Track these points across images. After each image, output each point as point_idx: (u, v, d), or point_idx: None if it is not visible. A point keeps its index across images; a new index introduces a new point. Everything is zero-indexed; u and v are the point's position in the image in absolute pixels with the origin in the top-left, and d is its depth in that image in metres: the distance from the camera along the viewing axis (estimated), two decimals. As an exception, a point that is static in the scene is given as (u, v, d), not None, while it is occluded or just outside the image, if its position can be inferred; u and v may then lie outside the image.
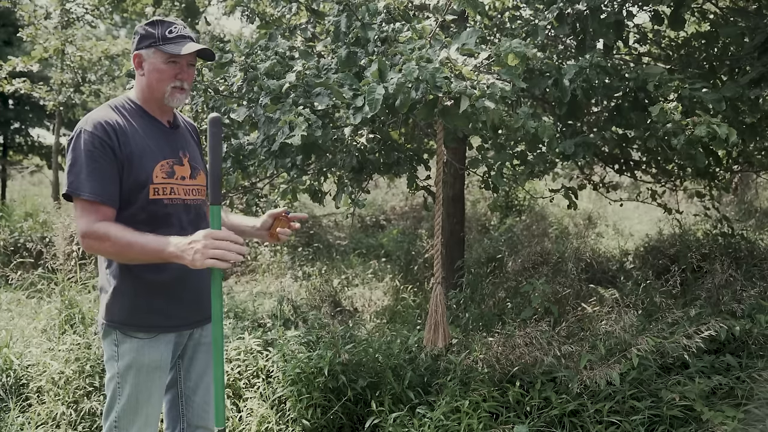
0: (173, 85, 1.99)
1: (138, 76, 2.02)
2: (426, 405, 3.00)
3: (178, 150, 2.05)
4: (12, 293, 5.25)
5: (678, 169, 4.76)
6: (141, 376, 1.97)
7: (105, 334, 2.01)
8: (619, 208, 7.68)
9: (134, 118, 1.99)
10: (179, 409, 2.20)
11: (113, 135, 1.88)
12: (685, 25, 3.95)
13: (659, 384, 3.00)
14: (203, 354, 2.18)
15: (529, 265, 5.13)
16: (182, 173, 2.03)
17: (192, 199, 2.05)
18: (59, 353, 3.58)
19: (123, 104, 2.01)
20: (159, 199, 1.95)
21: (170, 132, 2.07)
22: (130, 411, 1.98)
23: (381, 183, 10.17)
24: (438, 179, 3.14)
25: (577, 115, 3.67)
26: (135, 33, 2.02)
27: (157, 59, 1.97)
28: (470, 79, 2.60)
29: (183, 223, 2.01)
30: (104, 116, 1.91)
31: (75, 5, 8.79)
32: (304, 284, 5.73)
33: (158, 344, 2.00)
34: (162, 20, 2.00)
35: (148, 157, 1.94)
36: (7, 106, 12.32)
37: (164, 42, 1.95)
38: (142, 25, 2.01)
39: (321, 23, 4.17)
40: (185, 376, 2.19)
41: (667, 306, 3.73)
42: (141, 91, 2.03)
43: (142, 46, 1.98)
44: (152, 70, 1.98)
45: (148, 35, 1.97)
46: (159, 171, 1.96)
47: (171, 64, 1.97)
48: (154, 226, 1.93)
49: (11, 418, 3.19)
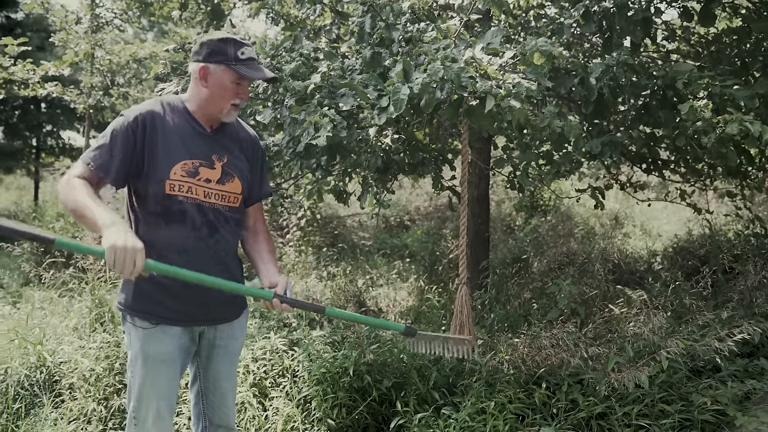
0: (233, 102, 2.07)
1: (198, 86, 2.06)
2: (451, 406, 2.99)
3: (212, 154, 2.08)
4: (45, 292, 5.37)
5: (708, 168, 4.66)
6: (147, 366, 2.02)
7: (122, 322, 2.12)
8: (646, 208, 7.56)
9: (175, 117, 2.05)
10: (201, 407, 2.25)
11: (142, 126, 1.98)
12: (715, 20, 3.87)
13: (690, 387, 2.95)
14: (219, 357, 2.20)
15: (555, 265, 5.08)
16: (208, 176, 2.06)
17: (210, 203, 2.06)
18: (90, 351, 3.66)
19: (171, 102, 2.09)
20: (174, 195, 2.00)
21: (209, 136, 2.10)
22: (143, 401, 2.03)
23: (405, 183, 10.17)
24: (463, 179, 3.13)
25: (604, 114, 3.62)
26: (201, 44, 2.04)
27: (226, 77, 2.02)
28: (495, 79, 2.59)
29: (197, 224, 2.04)
30: (145, 108, 2.02)
31: (104, 10, 8.97)
32: (328, 284, 5.76)
33: (163, 336, 2.03)
34: (235, 40, 2.05)
35: (171, 154, 2.00)
36: (39, 110, 12.61)
37: (236, 63, 2.01)
38: (212, 39, 2.04)
39: (345, 24, 4.18)
40: (204, 375, 2.23)
41: (697, 308, 3.65)
42: (196, 100, 2.08)
43: (212, 60, 2.02)
44: (217, 86, 2.03)
45: (220, 51, 2.01)
46: (179, 169, 2.00)
47: (236, 85, 2.04)
48: (167, 220, 2.00)
49: (45, 413, 3.27)
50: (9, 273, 6.01)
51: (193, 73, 2.06)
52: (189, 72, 2.12)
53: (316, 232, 7.65)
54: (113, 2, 8.84)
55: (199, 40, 2.08)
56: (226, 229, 2.12)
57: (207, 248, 2.06)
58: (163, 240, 2.00)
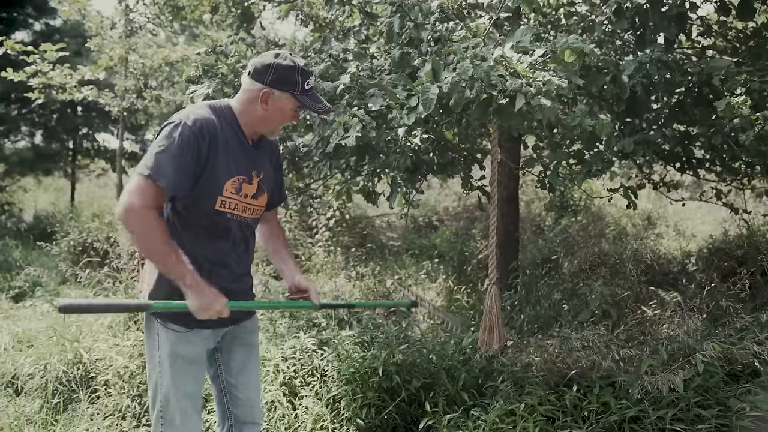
0: (283, 125, 2.13)
1: (256, 106, 2.02)
2: (480, 407, 2.97)
3: (252, 169, 2.09)
4: (81, 290, 5.50)
5: (746, 166, 4.54)
6: (176, 367, 2.03)
7: (147, 324, 2.08)
8: (680, 208, 7.38)
9: (227, 130, 2.02)
10: (225, 405, 2.24)
11: (207, 137, 1.93)
12: (755, 14, 3.76)
13: (727, 392, 2.87)
14: (240, 348, 2.22)
15: (586, 266, 5.00)
16: (248, 191, 2.08)
17: (247, 218, 2.11)
18: (124, 349, 3.73)
19: (222, 110, 2.04)
20: (223, 212, 2.02)
21: (251, 150, 2.10)
22: (171, 401, 2.03)
23: (434, 183, 10.14)
24: (492, 179, 3.11)
25: (637, 112, 3.56)
26: (267, 66, 1.99)
27: (287, 104, 2.03)
28: (525, 77, 2.56)
29: (236, 239, 2.09)
30: (205, 116, 1.96)
31: (138, 15, 9.15)
32: (357, 284, 5.77)
33: (194, 339, 2.05)
34: (302, 68, 2.03)
35: (225, 170, 1.99)
36: (76, 113, 12.93)
37: (302, 93, 2.03)
38: (280, 64, 1.99)
39: (374, 25, 4.19)
40: (226, 371, 2.23)
41: (734, 310, 3.55)
42: (250, 118, 2.05)
43: (277, 86, 1.99)
44: (277, 111, 2.04)
45: (288, 80, 2.00)
46: (230, 186, 2.01)
47: (293, 111, 2.06)
48: (211, 235, 2.01)
49: (82, 408, 3.35)
50: (48, 272, 6.17)
51: (253, 92, 2.01)
52: (245, 86, 2.05)
53: (345, 232, 7.68)
54: (146, 7, 9.02)
55: (264, 60, 2.01)
56: (253, 241, 2.19)
57: (240, 262, 2.12)
58: (205, 253, 2.02)
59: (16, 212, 11.98)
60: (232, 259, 2.08)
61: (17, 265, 7.00)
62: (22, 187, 13.39)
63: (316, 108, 2.05)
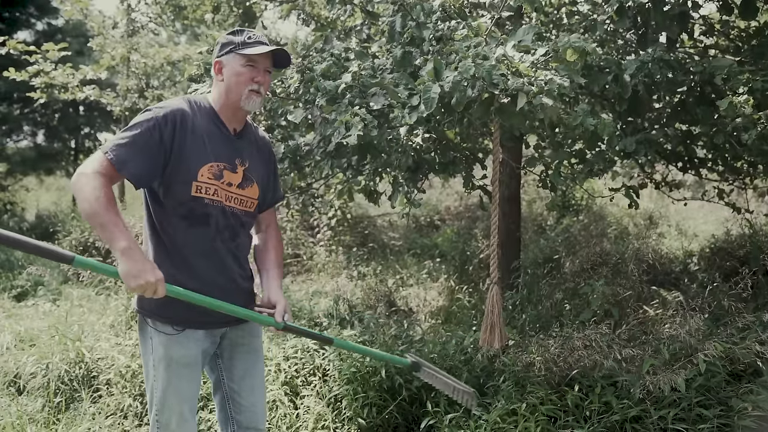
0: (250, 88, 2.05)
1: (217, 82, 2.10)
2: (482, 407, 2.97)
3: (235, 157, 2.09)
4: (83, 290, 5.51)
5: (748, 166, 4.53)
6: (171, 371, 2.01)
7: (140, 328, 2.09)
8: (682, 208, 7.38)
9: (202, 118, 2.06)
10: (228, 412, 2.22)
11: (171, 124, 1.96)
12: (757, 13, 3.76)
13: (729, 392, 2.87)
14: (242, 355, 2.20)
15: (588, 266, 4.99)
16: (231, 179, 2.07)
17: (231, 207, 2.08)
18: (126, 348, 3.74)
19: (198, 102, 2.10)
20: (200, 198, 2.00)
21: (233, 139, 2.11)
22: (166, 405, 2.02)
23: (435, 183, 10.12)
24: (494, 178, 3.10)
25: (639, 112, 3.55)
26: (216, 44, 2.11)
27: (236, 63, 2.04)
28: (527, 76, 2.56)
29: (220, 227, 2.05)
30: (174, 106, 2.01)
31: (140, 14, 9.17)
32: (359, 284, 5.77)
33: (186, 341, 2.03)
34: (242, 29, 2.09)
35: (197, 156, 2.00)
36: (77, 113, 12.96)
37: (243, 46, 2.04)
38: (224, 35, 2.10)
39: (376, 24, 4.19)
40: (228, 377, 2.20)
41: (736, 310, 3.55)
42: (219, 96, 2.10)
43: (223, 53, 2.07)
44: (231, 74, 2.05)
45: (229, 43, 2.06)
46: (206, 171, 2.01)
47: (249, 68, 2.05)
48: (191, 222, 2.00)
49: (84, 407, 3.35)
50: (50, 271, 6.18)
51: (213, 71, 2.11)
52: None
53: (347, 231, 7.68)
54: (148, 7, 9.04)
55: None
56: (244, 234, 2.15)
57: (228, 252, 2.09)
58: (187, 242, 2.01)
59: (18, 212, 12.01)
60: (217, 245, 2.05)
61: (19, 264, 7.02)
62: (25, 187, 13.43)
63: (256, 51, 2.02)
